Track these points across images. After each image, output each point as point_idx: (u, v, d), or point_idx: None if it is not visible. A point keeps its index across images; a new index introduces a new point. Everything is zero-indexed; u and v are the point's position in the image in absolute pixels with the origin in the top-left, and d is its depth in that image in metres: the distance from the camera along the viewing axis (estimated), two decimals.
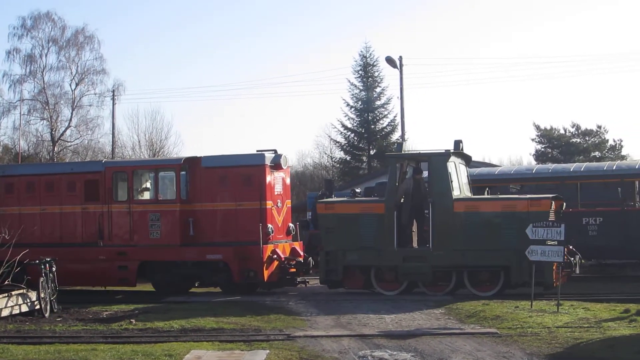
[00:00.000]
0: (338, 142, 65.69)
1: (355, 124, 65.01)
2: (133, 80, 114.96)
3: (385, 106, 64.73)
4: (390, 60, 46.22)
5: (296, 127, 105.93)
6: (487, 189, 26.50)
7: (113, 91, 62.95)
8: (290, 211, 26.45)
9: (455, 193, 23.14)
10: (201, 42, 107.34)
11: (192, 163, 25.48)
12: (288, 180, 26.26)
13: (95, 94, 63.31)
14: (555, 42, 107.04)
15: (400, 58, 46.45)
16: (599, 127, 64.94)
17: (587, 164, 34.13)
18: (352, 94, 64.80)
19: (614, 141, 64.59)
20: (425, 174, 24.47)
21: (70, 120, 63.08)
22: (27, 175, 27.44)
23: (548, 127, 65.85)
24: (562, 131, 65.92)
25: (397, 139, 60.97)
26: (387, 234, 23.25)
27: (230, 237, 24.87)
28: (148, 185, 26.39)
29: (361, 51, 65.26)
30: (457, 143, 24.04)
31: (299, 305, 22.06)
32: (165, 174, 25.97)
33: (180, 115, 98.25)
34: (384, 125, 65.05)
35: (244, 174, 24.91)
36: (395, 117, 62.60)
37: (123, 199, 25.83)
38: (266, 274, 24.30)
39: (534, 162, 65.78)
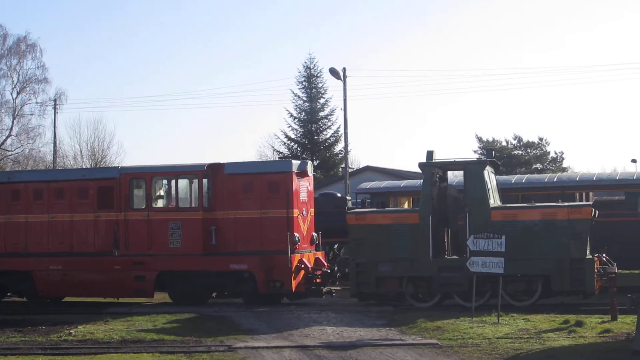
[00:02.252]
0: (281, 152, 65.38)
1: (298, 135, 64.95)
2: (75, 89, 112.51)
3: (329, 117, 64.99)
4: (333, 72, 45.80)
5: (239, 138, 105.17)
6: None
7: (55, 100, 61.74)
8: (314, 220, 25.79)
9: (491, 201, 22.90)
10: (145, 52, 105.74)
11: (215, 170, 24.63)
12: (312, 188, 25.60)
13: (36, 102, 62.06)
14: (498, 55, 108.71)
15: (344, 69, 46.15)
16: (541, 139, 66.23)
17: (529, 176, 34.27)
18: (296, 105, 64.86)
19: (556, 153, 65.95)
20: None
21: (11, 129, 61.65)
22: (34, 182, 26.19)
23: (490, 139, 66.83)
24: (504, 143, 66.90)
25: (340, 150, 61.00)
26: (421, 244, 22.79)
27: (254, 246, 24.13)
28: (167, 192, 25.39)
29: (305, 62, 65.28)
30: (490, 151, 23.90)
31: (241, 317, 21.67)
32: (186, 180, 25.09)
33: (123, 124, 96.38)
34: (328, 136, 65.24)
35: (269, 180, 24.22)
36: (338, 128, 62.84)
37: (140, 206, 24.84)
38: (294, 284, 23.70)
39: None
